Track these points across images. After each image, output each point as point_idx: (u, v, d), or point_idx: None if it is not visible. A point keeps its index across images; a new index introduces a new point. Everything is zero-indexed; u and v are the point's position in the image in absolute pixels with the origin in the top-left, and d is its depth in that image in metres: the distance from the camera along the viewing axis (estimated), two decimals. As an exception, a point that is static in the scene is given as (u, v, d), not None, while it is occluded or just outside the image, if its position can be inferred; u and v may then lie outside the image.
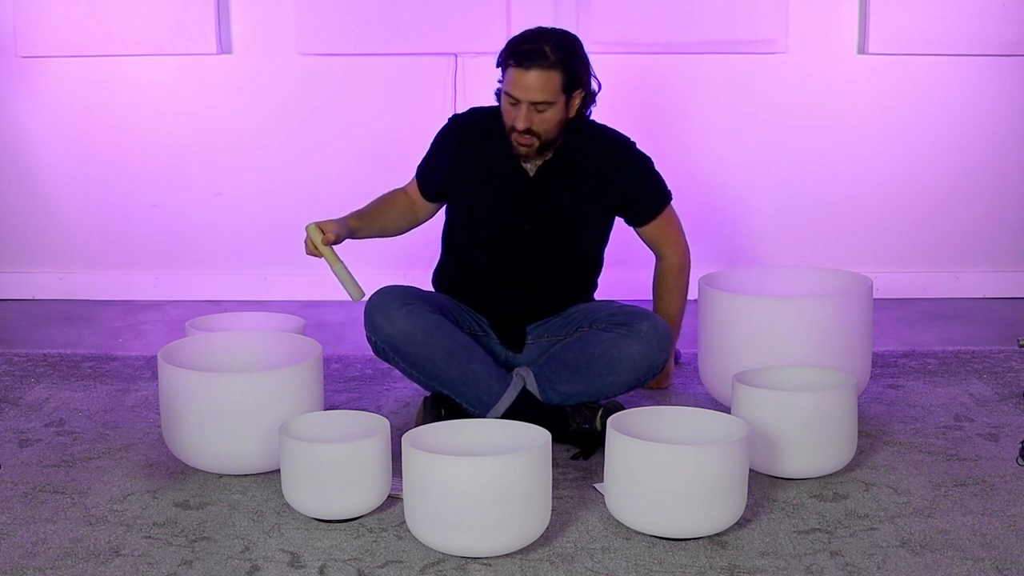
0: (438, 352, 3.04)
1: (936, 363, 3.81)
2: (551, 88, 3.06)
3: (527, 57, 3.04)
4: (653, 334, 3.07)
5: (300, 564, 2.47)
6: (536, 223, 3.21)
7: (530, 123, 3.08)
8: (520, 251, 3.22)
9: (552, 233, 3.22)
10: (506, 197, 3.21)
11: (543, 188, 3.21)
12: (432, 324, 3.05)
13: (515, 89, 3.07)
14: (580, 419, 3.08)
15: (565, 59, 3.07)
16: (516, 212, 3.21)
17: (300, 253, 4.85)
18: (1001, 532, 2.58)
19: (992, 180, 4.78)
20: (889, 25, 4.59)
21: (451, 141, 3.30)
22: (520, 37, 3.11)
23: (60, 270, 4.88)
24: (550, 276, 3.25)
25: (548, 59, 3.04)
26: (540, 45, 3.05)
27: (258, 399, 2.83)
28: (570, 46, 3.11)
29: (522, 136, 3.10)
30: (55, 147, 4.78)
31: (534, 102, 3.06)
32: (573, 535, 2.59)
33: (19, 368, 3.83)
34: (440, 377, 3.07)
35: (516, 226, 3.21)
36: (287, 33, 4.66)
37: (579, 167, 3.21)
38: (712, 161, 4.75)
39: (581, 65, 3.12)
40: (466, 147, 3.26)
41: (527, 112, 3.07)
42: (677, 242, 3.40)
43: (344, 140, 4.75)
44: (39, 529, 2.63)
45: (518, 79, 3.06)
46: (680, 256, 3.41)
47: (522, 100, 3.06)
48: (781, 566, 2.44)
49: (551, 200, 3.20)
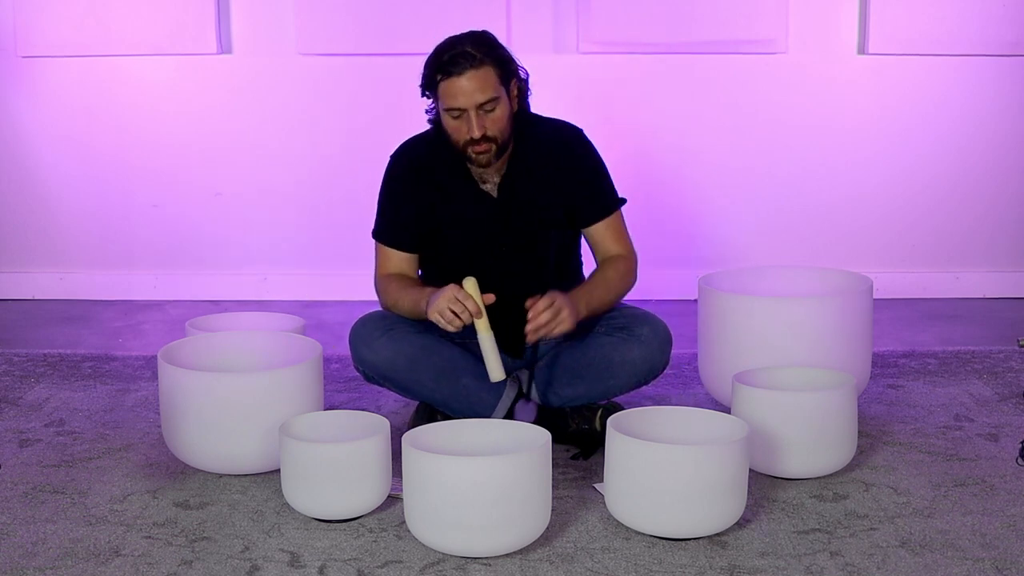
0: (426, 374, 3.02)
1: (936, 363, 3.81)
2: (490, 84, 2.93)
3: (454, 64, 2.92)
4: (654, 338, 3.06)
5: (300, 564, 2.47)
6: (511, 242, 3.11)
7: (484, 128, 2.94)
8: (501, 271, 3.11)
9: (529, 246, 3.13)
10: (476, 227, 3.10)
11: (509, 207, 3.09)
12: (416, 347, 3.02)
13: (456, 99, 2.93)
14: (579, 419, 3.08)
15: (490, 52, 2.95)
16: (490, 238, 3.11)
17: (300, 253, 4.91)
18: (1001, 532, 2.58)
19: (992, 180, 4.78)
20: (889, 25, 4.59)
21: (406, 183, 3.13)
22: (436, 52, 2.99)
23: (60, 270, 4.88)
24: (537, 282, 3.13)
25: (475, 57, 2.92)
26: (460, 48, 2.94)
27: (258, 399, 2.83)
28: (488, 40, 3.00)
29: (478, 145, 2.96)
30: (55, 147, 4.78)
31: (479, 104, 2.93)
32: (573, 535, 2.59)
33: (19, 368, 3.83)
34: (432, 397, 3.06)
35: (492, 251, 3.12)
36: (287, 33, 4.66)
37: (537, 173, 3.09)
38: (712, 161, 4.75)
39: (506, 54, 3.00)
40: (420, 186, 3.11)
41: (478, 118, 2.94)
42: (629, 248, 3.20)
43: (344, 140, 4.75)
44: (39, 529, 2.63)
45: (455, 88, 2.92)
46: (631, 258, 3.18)
47: (467, 107, 2.93)
48: (781, 566, 2.44)
49: (521, 217, 3.10)
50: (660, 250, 4.72)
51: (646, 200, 4.60)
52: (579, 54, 4.64)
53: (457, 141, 3.00)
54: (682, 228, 4.78)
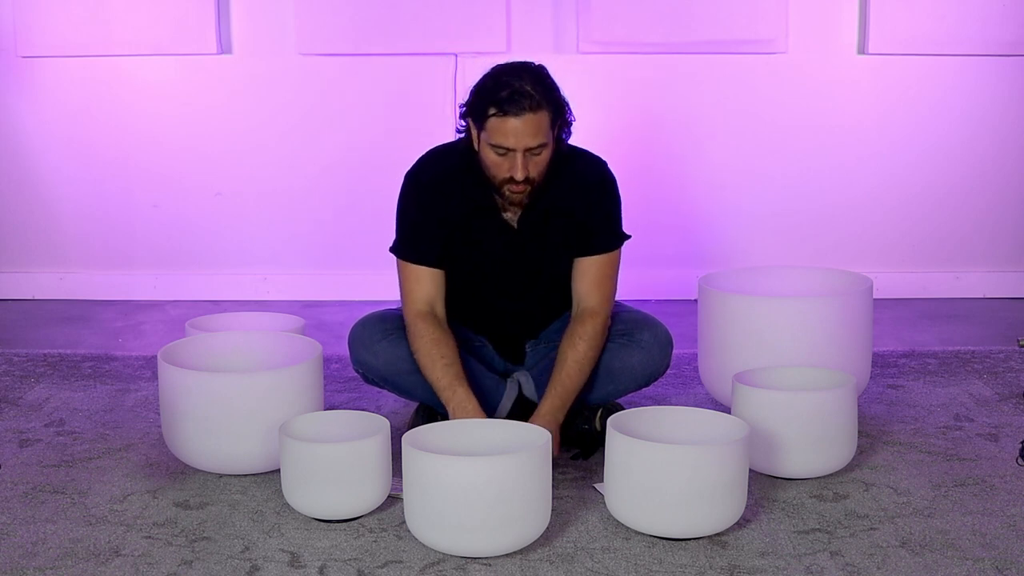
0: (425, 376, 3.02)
1: (936, 363, 3.81)
2: (543, 129, 2.82)
3: (512, 103, 2.78)
4: (654, 343, 3.06)
5: (300, 564, 2.47)
6: (526, 269, 3.07)
7: (527, 171, 2.84)
8: (512, 292, 3.10)
9: (543, 272, 3.09)
10: (492, 255, 3.04)
11: (528, 240, 3.03)
12: None
13: (506, 139, 2.80)
14: (580, 419, 3.08)
15: (547, 95, 2.83)
16: (505, 267, 3.06)
17: (300, 253, 4.91)
18: (1001, 532, 2.58)
19: (992, 180, 4.78)
20: (889, 25, 4.59)
21: (428, 199, 3.01)
22: (493, 83, 2.83)
23: (60, 270, 4.88)
24: (545, 302, 3.15)
25: (534, 99, 2.79)
26: (520, 86, 2.79)
27: (258, 399, 2.83)
28: (547, 81, 2.87)
29: (517, 185, 2.86)
30: (55, 147, 4.78)
31: (529, 148, 2.81)
32: (573, 535, 2.59)
33: (19, 368, 3.83)
34: (432, 400, 3.04)
35: (504, 276, 3.08)
36: (287, 33, 4.66)
37: (557, 209, 3.00)
38: (712, 161, 4.75)
39: (562, 99, 2.89)
40: (441, 205, 2.99)
41: (523, 160, 2.82)
42: (609, 298, 3.06)
43: (344, 140, 4.75)
44: (39, 529, 2.63)
45: (508, 128, 2.79)
46: (606, 315, 3.03)
47: (517, 148, 2.81)
48: (781, 566, 2.44)
49: (538, 250, 3.04)
50: (660, 250, 4.72)
51: (646, 200, 4.61)
52: (579, 54, 4.64)
53: (495, 176, 2.89)
54: (682, 228, 4.78)
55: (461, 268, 3.07)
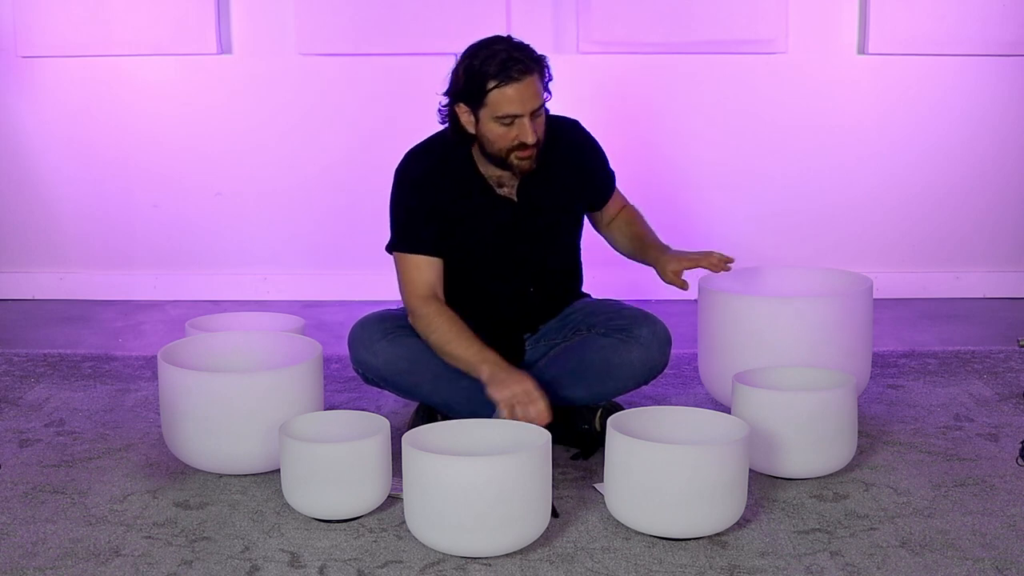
0: (425, 377, 3.02)
1: (936, 363, 3.81)
2: (540, 89, 2.92)
3: (510, 70, 2.86)
4: (653, 339, 3.06)
5: (300, 564, 2.47)
6: (528, 244, 3.12)
7: (536, 133, 2.92)
8: (513, 272, 3.14)
9: (544, 247, 3.14)
10: (497, 232, 3.08)
11: (530, 209, 3.08)
12: (416, 349, 3.02)
13: (512, 106, 2.87)
14: (580, 419, 3.08)
15: (531, 54, 2.91)
16: (510, 241, 3.10)
17: (300, 253, 4.91)
18: (1001, 532, 2.58)
19: (992, 180, 4.78)
20: (889, 25, 4.59)
21: (419, 190, 3.04)
22: (481, 61, 2.89)
23: (60, 270, 4.88)
24: (544, 286, 3.18)
25: (525, 62, 2.87)
26: (508, 53, 2.87)
27: (258, 399, 2.83)
28: (524, 44, 2.94)
29: (526, 150, 2.93)
30: (55, 147, 4.78)
31: (533, 111, 2.90)
32: (573, 535, 2.59)
33: (19, 368, 3.83)
34: (432, 399, 3.06)
35: (510, 252, 3.12)
36: (287, 33, 4.66)
37: (550, 173, 3.07)
38: (712, 161, 4.75)
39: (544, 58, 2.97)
40: (434, 194, 3.03)
41: (532, 123, 2.90)
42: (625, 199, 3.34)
43: (344, 140, 4.75)
44: (39, 529, 2.63)
45: (512, 95, 2.86)
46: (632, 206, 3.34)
47: (523, 113, 2.89)
48: (781, 566, 2.44)
49: (542, 218, 3.11)
50: (660, 250, 4.72)
51: (646, 200, 4.57)
52: (579, 54, 4.64)
53: (501, 148, 2.94)
54: (682, 228, 4.78)
55: (459, 254, 3.09)
